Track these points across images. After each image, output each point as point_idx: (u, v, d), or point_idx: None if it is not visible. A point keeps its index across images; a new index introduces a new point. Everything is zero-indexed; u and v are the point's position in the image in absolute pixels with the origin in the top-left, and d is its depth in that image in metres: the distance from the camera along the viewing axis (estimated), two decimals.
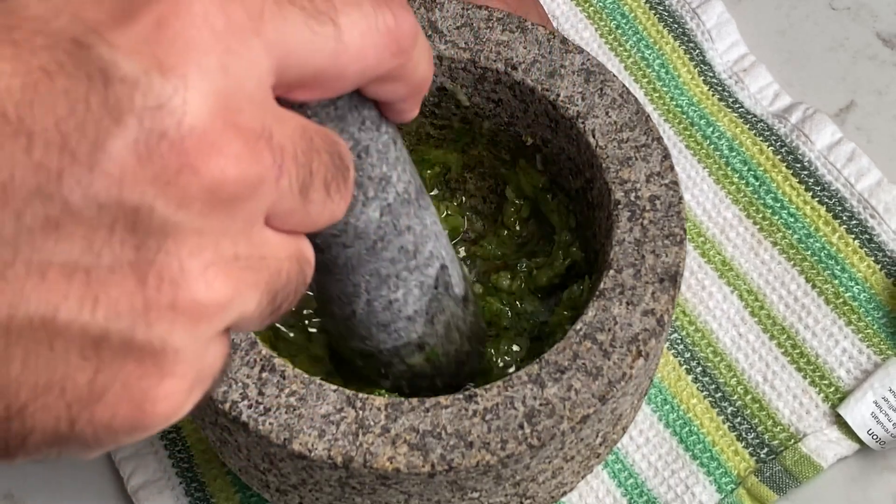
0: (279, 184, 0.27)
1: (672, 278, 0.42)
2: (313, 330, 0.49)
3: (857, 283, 0.56)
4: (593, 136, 0.45)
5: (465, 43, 0.47)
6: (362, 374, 0.45)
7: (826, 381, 0.54)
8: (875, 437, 0.52)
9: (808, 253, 0.57)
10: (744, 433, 0.53)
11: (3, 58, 0.24)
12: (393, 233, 0.39)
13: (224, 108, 0.25)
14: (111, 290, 0.25)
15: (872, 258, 0.57)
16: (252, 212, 0.27)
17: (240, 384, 0.40)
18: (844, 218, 0.58)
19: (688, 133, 0.61)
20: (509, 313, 0.50)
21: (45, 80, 0.24)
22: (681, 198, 0.44)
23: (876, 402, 0.53)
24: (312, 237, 0.32)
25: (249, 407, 0.40)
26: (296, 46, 0.28)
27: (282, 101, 0.28)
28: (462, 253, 0.52)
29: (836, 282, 0.56)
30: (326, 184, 0.29)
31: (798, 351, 0.55)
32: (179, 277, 0.25)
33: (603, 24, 0.65)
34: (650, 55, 0.63)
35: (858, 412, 0.53)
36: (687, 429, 0.53)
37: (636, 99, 0.46)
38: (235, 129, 0.26)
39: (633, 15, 0.65)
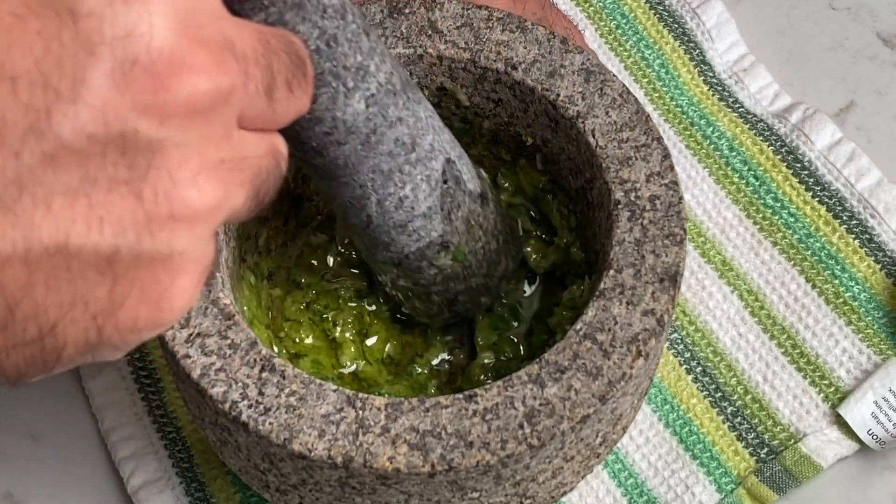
0: (247, 88, 0.29)
1: (672, 278, 0.42)
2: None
3: (857, 283, 0.56)
4: (593, 136, 0.45)
5: (465, 43, 0.47)
6: (403, 304, 0.47)
7: (826, 381, 0.54)
8: (875, 437, 0.52)
9: (809, 253, 0.57)
10: (744, 433, 0.53)
11: None
12: (384, 124, 0.40)
13: (186, 26, 0.27)
14: (113, 210, 0.27)
15: (872, 258, 0.57)
16: (227, 118, 0.29)
17: (240, 384, 0.40)
18: (844, 218, 0.58)
19: (688, 133, 0.61)
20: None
21: (17, 24, 0.25)
22: (681, 198, 0.44)
23: (876, 402, 0.53)
24: (308, 141, 0.35)
25: (249, 407, 0.40)
26: None
27: None
28: None
29: (837, 282, 0.56)
30: (287, 81, 0.31)
31: (798, 351, 0.55)
32: (172, 188, 0.28)
33: (603, 24, 0.65)
34: (650, 55, 0.63)
35: (858, 412, 0.53)
36: (687, 429, 0.53)
37: (636, 99, 0.46)
38: (200, 44, 0.27)
39: (632, 15, 0.65)
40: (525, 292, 0.51)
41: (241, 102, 0.29)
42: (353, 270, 0.51)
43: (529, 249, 0.51)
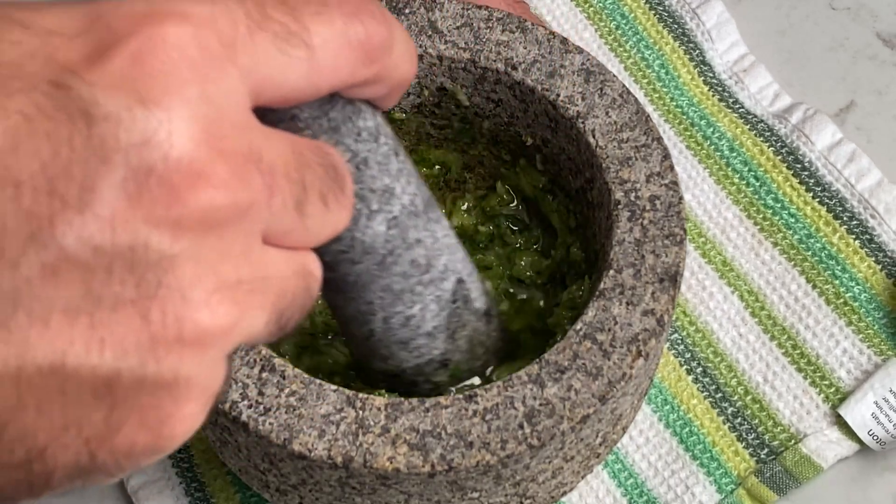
0: (271, 203, 0.27)
1: (672, 278, 0.42)
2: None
3: (857, 284, 0.56)
4: (593, 136, 0.45)
5: (465, 43, 0.47)
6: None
7: (826, 382, 0.54)
8: (875, 437, 0.52)
9: (809, 253, 0.57)
10: (744, 433, 0.53)
11: None
12: (402, 246, 0.39)
13: (208, 135, 0.25)
14: (116, 330, 0.25)
15: (873, 258, 0.57)
16: (247, 234, 0.27)
17: (240, 384, 0.40)
18: (845, 218, 0.58)
19: (688, 133, 0.61)
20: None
21: (25, 125, 0.24)
22: (681, 198, 0.44)
23: (876, 403, 0.53)
24: (321, 256, 0.32)
25: (249, 407, 0.40)
26: (269, 71, 0.28)
27: (274, 113, 0.28)
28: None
29: (837, 282, 0.56)
30: (323, 196, 0.29)
31: (798, 351, 0.55)
32: (183, 309, 0.26)
33: (603, 24, 0.65)
34: (650, 56, 0.63)
35: (859, 413, 0.53)
36: (687, 429, 0.53)
37: (636, 99, 0.46)
38: (222, 156, 0.26)
39: (632, 15, 0.65)
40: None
41: (263, 217, 0.27)
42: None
43: (523, 264, 0.50)
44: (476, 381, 0.46)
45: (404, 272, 0.39)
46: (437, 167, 0.52)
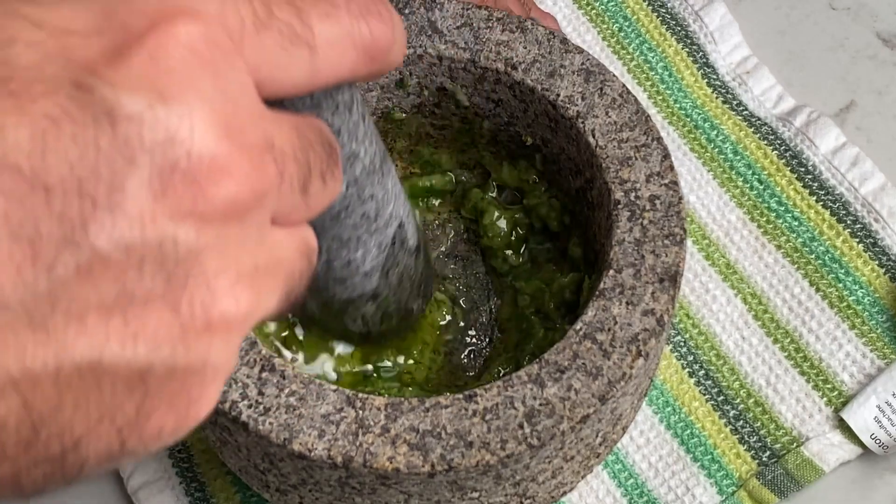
0: (282, 188, 0.28)
1: (672, 278, 0.42)
2: None
3: (860, 287, 0.56)
4: (593, 136, 0.45)
5: (465, 43, 0.47)
6: (315, 318, 0.46)
7: (829, 385, 0.54)
8: (878, 441, 0.52)
9: (812, 256, 0.57)
10: (746, 436, 0.53)
11: (3, 111, 0.24)
12: (357, 202, 0.40)
13: (227, 128, 0.26)
14: (148, 324, 0.25)
15: (876, 262, 0.57)
16: (262, 220, 0.28)
17: (240, 384, 0.40)
18: (848, 222, 0.58)
19: (692, 136, 0.61)
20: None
21: (52, 128, 0.24)
22: (681, 198, 0.44)
23: (879, 407, 0.52)
24: None
25: (249, 407, 0.40)
26: (272, 69, 0.28)
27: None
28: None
29: (840, 285, 0.56)
30: (322, 173, 0.30)
31: (801, 354, 0.55)
32: (209, 299, 0.26)
33: (605, 26, 0.65)
34: (653, 58, 0.63)
35: (861, 416, 0.52)
36: (688, 431, 0.53)
37: (636, 99, 0.46)
38: (241, 148, 0.26)
39: (635, 18, 0.65)
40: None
41: (275, 202, 0.28)
42: None
43: (547, 286, 0.50)
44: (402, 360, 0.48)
45: (355, 223, 0.40)
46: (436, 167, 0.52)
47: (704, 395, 0.54)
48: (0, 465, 0.25)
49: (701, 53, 0.63)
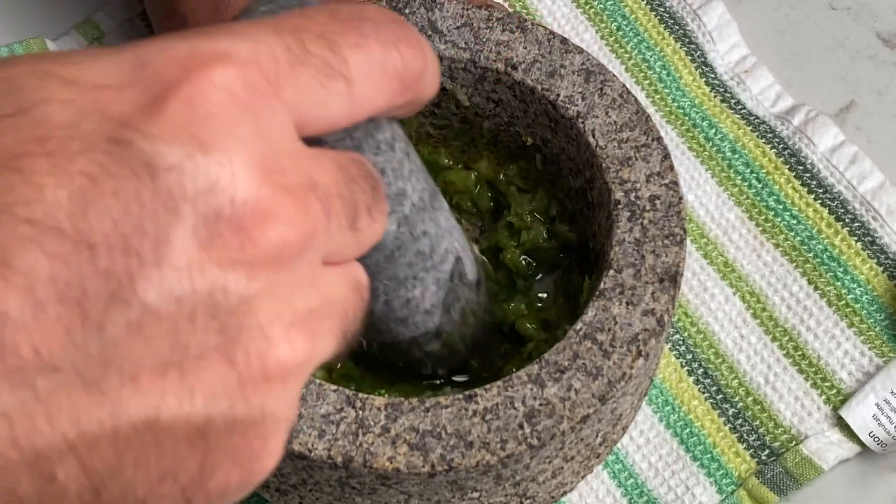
0: (330, 227, 0.27)
1: (672, 278, 0.42)
2: None
3: (859, 286, 0.56)
4: (593, 136, 0.45)
5: (465, 43, 0.47)
6: (379, 360, 0.46)
7: (828, 383, 0.54)
8: (876, 439, 0.52)
9: (811, 255, 0.57)
10: (745, 434, 0.53)
11: (41, 171, 0.23)
12: (410, 240, 0.39)
13: (269, 171, 0.26)
14: (204, 377, 0.25)
15: (875, 260, 0.57)
16: (313, 262, 0.27)
17: None
18: (847, 220, 0.58)
19: (690, 135, 0.61)
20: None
21: (91, 186, 0.23)
22: (681, 198, 0.44)
23: (878, 405, 0.53)
24: None
25: None
26: (311, 105, 0.28)
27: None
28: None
29: (839, 284, 0.56)
30: (368, 209, 0.29)
31: (800, 353, 0.55)
32: (265, 347, 0.26)
33: (604, 25, 0.65)
34: (651, 57, 0.63)
35: (860, 414, 0.53)
36: (688, 430, 0.53)
37: (636, 99, 0.46)
38: (284, 190, 0.26)
39: (633, 17, 0.65)
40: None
41: (325, 242, 0.27)
42: None
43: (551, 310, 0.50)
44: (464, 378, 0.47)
45: (410, 262, 0.40)
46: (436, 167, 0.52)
47: (703, 393, 0.54)
48: None
49: (699, 52, 0.63)
